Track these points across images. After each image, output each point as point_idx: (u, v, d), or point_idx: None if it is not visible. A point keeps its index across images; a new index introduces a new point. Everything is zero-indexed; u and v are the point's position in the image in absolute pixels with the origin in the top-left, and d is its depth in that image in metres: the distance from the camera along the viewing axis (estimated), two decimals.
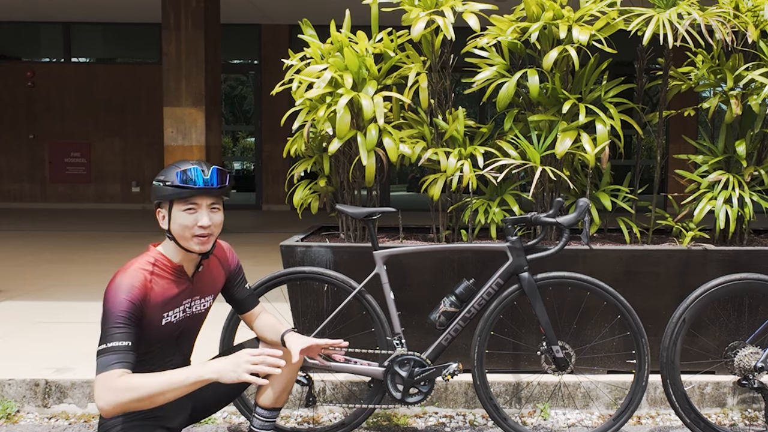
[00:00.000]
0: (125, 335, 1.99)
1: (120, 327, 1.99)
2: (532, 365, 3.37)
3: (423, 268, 3.35)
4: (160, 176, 2.16)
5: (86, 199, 13.13)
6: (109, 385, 1.92)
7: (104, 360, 1.95)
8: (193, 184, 2.13)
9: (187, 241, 2.16)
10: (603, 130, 3.33)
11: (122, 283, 2.05)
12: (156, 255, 2.19)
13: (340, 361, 2.80)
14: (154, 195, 2.18)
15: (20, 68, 12.94)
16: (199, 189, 2.13)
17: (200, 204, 2.16)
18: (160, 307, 2.14)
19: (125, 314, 2.01)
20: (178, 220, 2.14)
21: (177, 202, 2.14)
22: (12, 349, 3.79)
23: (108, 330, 1.99)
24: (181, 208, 2.14)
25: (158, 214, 2.20)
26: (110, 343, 1.97)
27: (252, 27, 12.73)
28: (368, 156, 3.31)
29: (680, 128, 11.57)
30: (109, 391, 1.91)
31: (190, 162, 2.18)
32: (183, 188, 2.12)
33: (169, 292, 2.17)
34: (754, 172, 3.44)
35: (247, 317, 2.54)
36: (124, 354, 1.97)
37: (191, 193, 2.13)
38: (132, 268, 2.11)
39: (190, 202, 2.14)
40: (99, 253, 7.17)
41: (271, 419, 2.51)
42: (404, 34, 3.54)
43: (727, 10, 3.26)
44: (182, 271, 2.22)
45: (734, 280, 2.92)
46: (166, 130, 8.49)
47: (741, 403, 3.34)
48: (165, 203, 2.17)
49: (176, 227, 2.15)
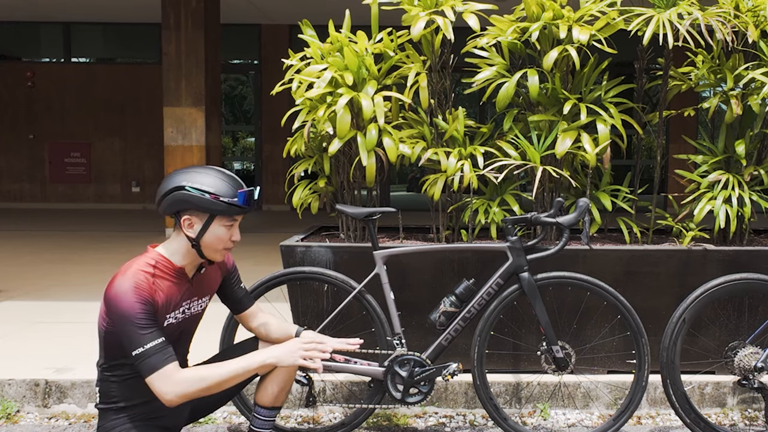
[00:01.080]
0: (155, 333, 2.04)
1: (147, 328, 2.03)
2: (532, 365, 3.37)
3: (423, 268, 3.35)
4: (196, 185, 2.13)
5: (86, 199, 13.13)
6: (174, 379, 2.01)
7: (152, 361, 2.01)
8: (244, 204, 2.18)
9: (215, 252, 2.21)
10: (604, 130, 3.33)
11: (128, 287, 2.04)
12: (156, 257, 2.17)
13: (340, 361, 2.80)
14: (186, 203, 2.13)
15: (20, 68, 12.93)
16: (247, 209, 2.19)
17: (238, 220, 2.23)
18: (164, 309, 2.14)
19: (145, 314, 2.03)
20: (216, 233, 2.17)
21: (223, 218, 2.17)
22: (12, 349, 3.79)
23: (136, 335, 2.01)
24: (223, 223, 2.18)
25: (184, 221, 2.16)
26: (147, 345, 2.01)
27: (252, 27, 12.72)
28: (368, 156, 3.31)
29: (680, 128, 11.56)
30: (177, 384, 2.02)
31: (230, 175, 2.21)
32: (238, 207, 2.16)
33: (171, 294, 2.17)
34: (753, 171, 3.44)
35: (243, 317, 2.54)
36: (165, 350, 2.04)
37: (242, 212, 2.19)
38: (132, 270, 2.10)
39: (233, 219, 2.20)
40: (99, 253, 7.17)
41: (270, 418, 2.51)
42: (404, 34, 3.54)
43: (727, 10, 3.26)
44: (183, 273, 2.22)
45: (734, 280, 2.92)
46: (166, 130, 8.48)
47: (741, 403, 3.34)
48: (201, 213, 2.15)
49: (211, 239, 2.17)
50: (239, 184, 2.21)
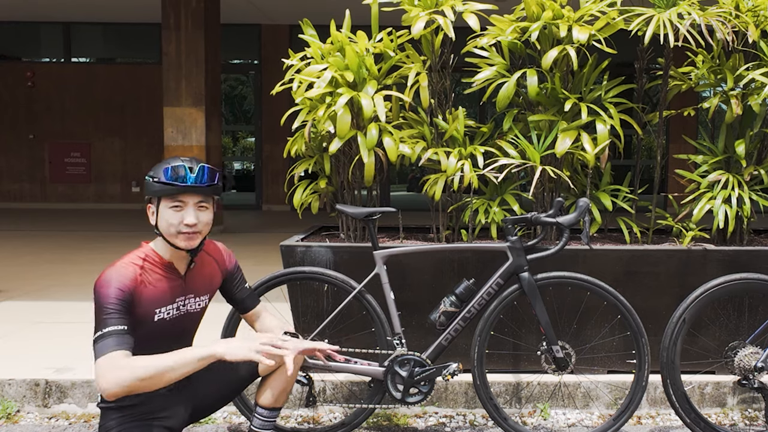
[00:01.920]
0: (120, 321, 2.01)
1: (114, 313, 2.01)
2: (532, 365, 3.37)
3: (423, 268, 3.35)
4: (151, 172, 2.17)
5: (86, 199, 13.13)
6: (114, 364, 1.93)
7: (103, 344, 1.96)
8: (182, 181, 2.12)
9: (173, 237, 2.16)
10: (603, 130, 3.33)
11: (111, 276, 2.07)
12: (147, 251, 2.20)
13: (341, 361, 2.80)
14: (146, 192, 2.19)
15: (20, 68, 12.95)
16: (186, 187, 2.13)
17: (187, 202, 2.15)
18: (152, 303, 2.14)
19: (117, 302, 2.02)
20: (164, 217, 2.15)
21: (164, 199, 2.14)
22: (12, 349, 3.79)
23: (102, 318, 2.01)
24: (168, 205, 2.14)
25: (148, 209, 2.21)
26: (106, 329, 1.98)
27: (252, 27, 12.73)
28: (368, 155, 3.31)
29: (680, 128, 11.57)
30: (115, 370, 1.92)
31: (180, 159, 2.17)
32: (170, 185, 2.12)
33: (159, 288, 2.17)
34: (753, 171, 3.44)
35: (249, 317, 2.56)
36: (122, 337, 1.98)
37: (178, 190, 2.13)
38: (121, 262, 2.13)
39: (177, 199, 2.14)
40: (99, 253, 7.17)
41: (271, 419, 2.51)
42: (404, 34, 3.54)
43: (727, 10, 3.26)
44: (173, 267, 2.22)
45: (734, 280, 2.92)
46: (166, 130, 8.49)
47: (741, 403, 3.34)
48: (154, 199, 2.17)
49: (163, 224, 2.16)
50: (187, 166, 2.14)
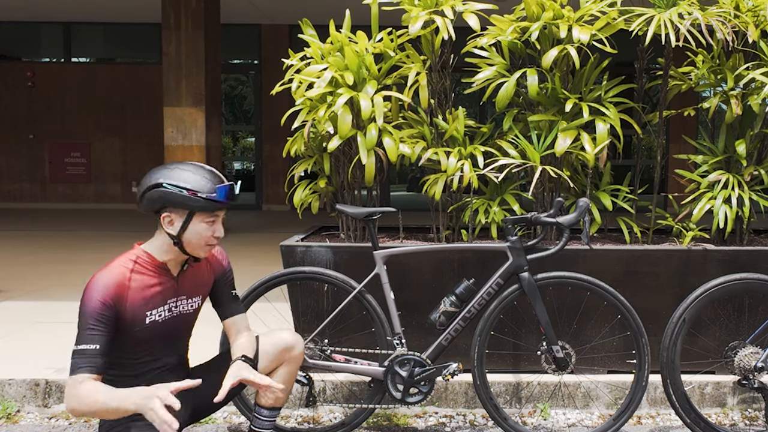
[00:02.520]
0: (95, 338, 1.99)
1: (91, 329, 1.99)
2: (532, 365, 3.37)
3: (423, 268, 3.35)
4: (180, 182, 2.11)
5: (86, 199, 13.13)
6: (72, 391, 1.95)
7: (73, 363, 1.98)
8: (223, 199, 2.15)
9: (198, 248, 2.18)
10: (603, 130, 3.33)
11: (98, 283, 2.05)
12: (139, 252, 2.18)
13: (341, 361, 2.80)
14: (165, 200, 2.12)
15: (20, 68, 12.94)
16: (226, 204, 2.17)
17: (220, 215, 2.20)
18: (142, 304, 2.13)
19: (98, 315, 2.01)
20: (197, 230, 2.15)
21: (201, 214, 2.14)
22: (12, 349, 3.79)
23: (80, 331, 2.00)
24: (204, 219, 2.15)
25: (164, 219, 2.14)
26: (80, 346, 1.99)
27: (252, 27, 12.73)
28: (368, 155, 3.31)
29: (680, 128, 11.57)
30: (73, 397, 1.95)
31: (202, 169, 2.16)
32: (217, 203, 2.13)
33: (150, 289, 2.15)
34: (753, 171, 3.44)
35: (227, 325, 2.43)
36: (90, 358, 1.97)
37: (220, 207, 2.16)
38: (111, 265, 2.12)
39: (214, 214, 2.17)
40: (99, 253, 7.17)
41: (271, 419, 2.51)
42: (404, 34, 3.53)
43: (727, 10, 3.26)
44: (165, 268, 2.21)
45: (734, 280, 2.92)
46: (166, 130, 8.49)
47: (741, 403, 3.34)
48: (180, 210, 2.13)
49: (192, 236, 2.15)
50: (219, 179, 2.17)
